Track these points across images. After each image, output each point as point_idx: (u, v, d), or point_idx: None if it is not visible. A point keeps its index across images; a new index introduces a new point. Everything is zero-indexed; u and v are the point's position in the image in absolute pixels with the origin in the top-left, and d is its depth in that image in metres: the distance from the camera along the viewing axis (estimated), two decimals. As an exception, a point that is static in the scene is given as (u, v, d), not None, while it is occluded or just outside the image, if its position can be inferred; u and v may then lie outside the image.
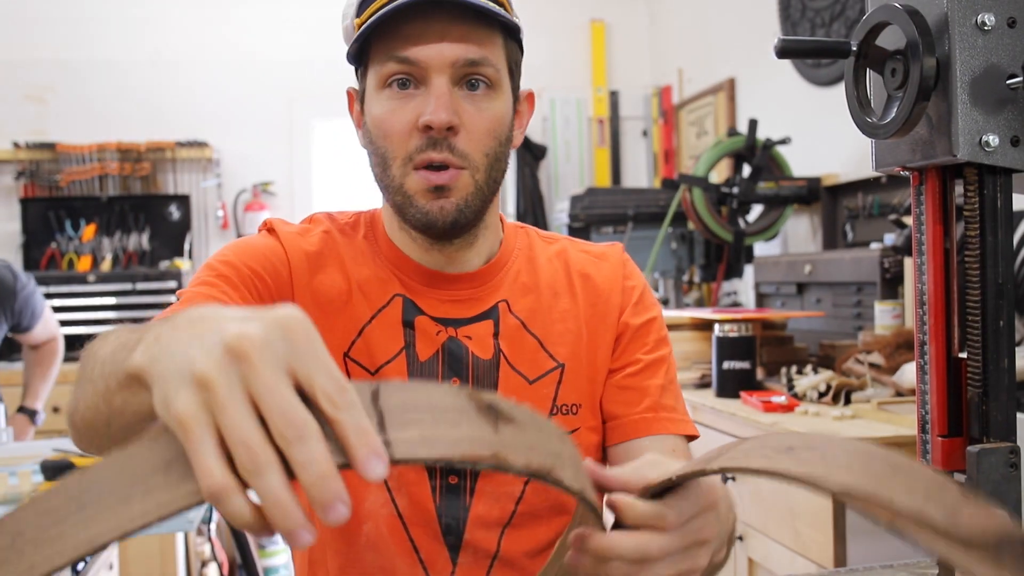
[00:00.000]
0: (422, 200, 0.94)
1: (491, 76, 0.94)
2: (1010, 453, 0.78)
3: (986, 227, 0.79)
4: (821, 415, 1.79)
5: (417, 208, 0.94)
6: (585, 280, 1.07)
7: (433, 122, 0.91)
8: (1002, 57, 0.76)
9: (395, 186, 0.95)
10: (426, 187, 0.93)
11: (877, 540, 1.59)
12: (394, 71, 0.93)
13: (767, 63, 3.44)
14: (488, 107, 0.95)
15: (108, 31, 4.32)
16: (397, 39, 0.92)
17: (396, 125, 0.94)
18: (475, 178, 0.95)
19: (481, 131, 0.94)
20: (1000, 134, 0.76)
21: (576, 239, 1.13)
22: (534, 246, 1.09)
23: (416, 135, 0.93)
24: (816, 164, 3.03)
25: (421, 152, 0.93)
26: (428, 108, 0.91)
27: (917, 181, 0.84)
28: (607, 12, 4.67)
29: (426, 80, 0.93)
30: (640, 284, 1.10)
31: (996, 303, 0.79)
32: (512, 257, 1.07)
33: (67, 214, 4.18)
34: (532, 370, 1.01)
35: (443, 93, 0.92)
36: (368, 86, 0.97)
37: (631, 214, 3.34)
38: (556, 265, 1.08)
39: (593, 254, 1.10)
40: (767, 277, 2.87)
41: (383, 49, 0.94)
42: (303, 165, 4.49)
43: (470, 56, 0.92)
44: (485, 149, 0.95)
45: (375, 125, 0.96)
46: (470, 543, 0.99)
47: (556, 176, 4.61)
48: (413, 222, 0.96)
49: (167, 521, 0.42)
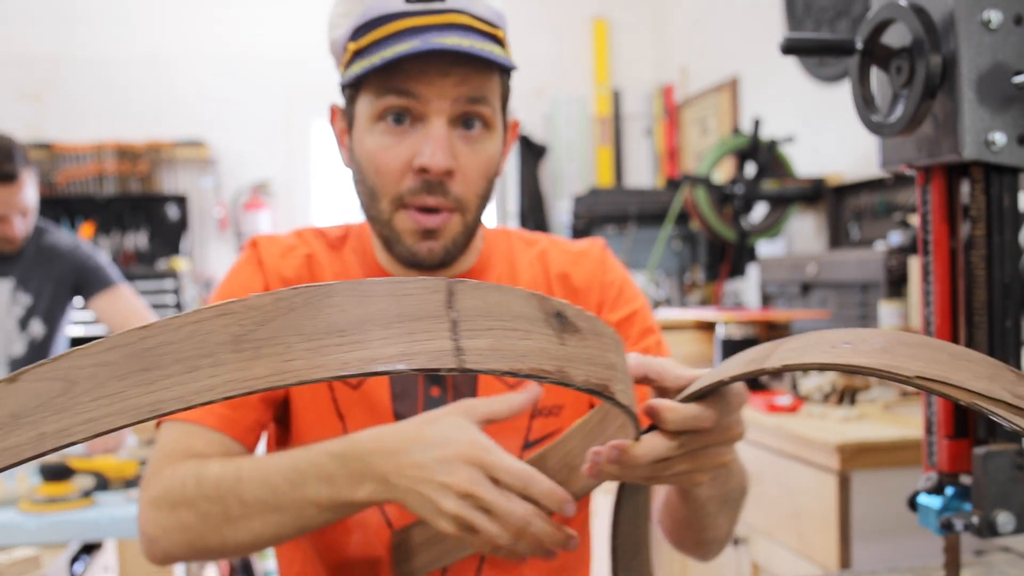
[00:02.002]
0: (410, 240, 0.95)
1: (487, 116, 0.94)
2: (1017, 455, 0.78)
3: (992, 226, 0.78)
4: (826, 416, 1.78)
5: (405, 247, 0.95)
6: (563, 280, 1.06)
7: (431, 166, 0.90)
8: (1009, 55, 0.75)
9: (383, 220, 0.96)
10: (415, 228, 0.94)
11: (882, 543, 1.58)
12: (392, 104, 0.92)
13: (771, 61, 3.42)
14: (482, 148, 0.95)
15: (105, 30, 4.32)
16: (398, 74, 0.91)
17: (391, 163, 0.93)
18: (465, 218, 0.95)
19: (476, 173, 0.94)
20: (1007, 132, 0.76)
21: (558, 238, 1.12)
22: (514, 250, 1.09)
23: (410, 175, 0.92)
24: (820, 163, 3.02)
25: (414, 195, 0.93)
26: (426, 151, 0.91)
27: (923, 180, 0.83)
28: (610, 10, 4.67)
29: (423, 118, 0.92)
30: (619, 278, 1.08)
31: (1003, 303, 0.78)
32: (491, 264, 1.06)
33: (64, 214, 4.18)
34: None
35: (441, 136, 0.91)
36: (360, 114, 0.96)
37: (634, 214, 3.33)
38: (536, 268, 1.07)
39: (573, 253, 1.09)
40: (771, 277, 2.86)
41: (381, 81, 0.92)
42: (301, 164, 4.48)
43: (471, 94, 0.92)
44: (478, 190, 0.95)
45: (366, 158, 0.95)
46: None
47: (558, 175, 4.60)
48: (400, 258, 0.97)
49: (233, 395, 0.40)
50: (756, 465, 1.85)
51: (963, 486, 0.82)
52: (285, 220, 4.45)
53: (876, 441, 1.57)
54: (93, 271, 2.36)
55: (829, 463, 1.59)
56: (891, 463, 1.57)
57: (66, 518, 1.66)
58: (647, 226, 3.32)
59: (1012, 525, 0.77)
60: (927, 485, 0.83)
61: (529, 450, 1.00)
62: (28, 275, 2.30)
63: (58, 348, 2.37)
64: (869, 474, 1.57)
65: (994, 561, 1.15)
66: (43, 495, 1.70)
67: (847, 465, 1.57)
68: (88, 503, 1.72)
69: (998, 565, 1.12)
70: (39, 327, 2.30)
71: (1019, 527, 0.78)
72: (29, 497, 1.71)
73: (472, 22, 0.92)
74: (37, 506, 1.68)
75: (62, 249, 2.34)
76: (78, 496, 1.72)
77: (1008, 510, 0.77)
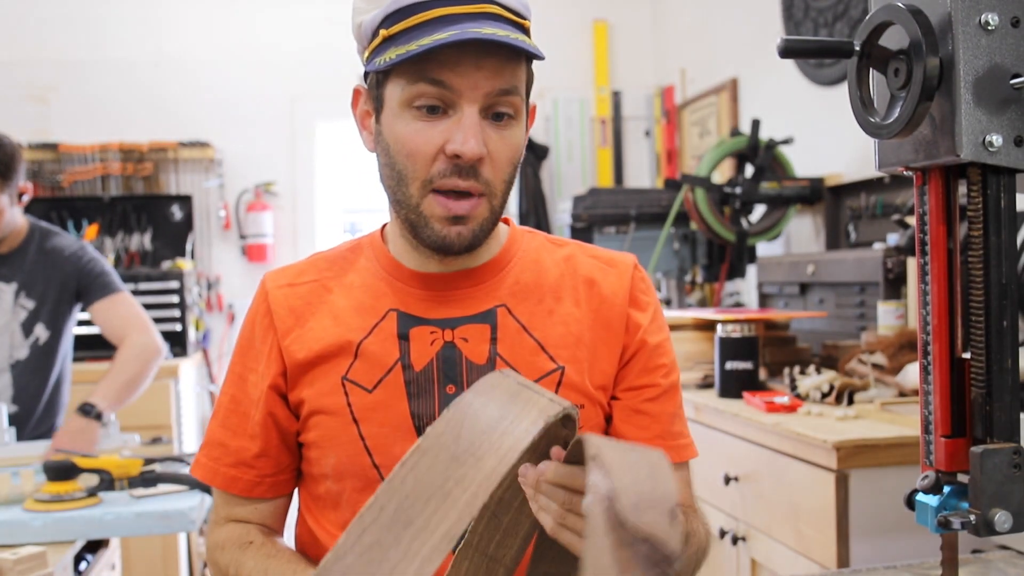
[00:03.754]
0: (438, 225, 0.96)
1: (516, 106, 0.97)
2: (1014, 454, 0.78)
3: (989, 227, 0.79)
4: (824, 415, 1.79)
5: (433, 231, 0.97)
6: (590, 286, 1.07)
7: (464, 152, 0.92)
8: (1006, 57, 0.76)
9: (411, 204, 0.97)
10: (444, 214, 0.96)
11: (880, 541, 1.58)
12: (425, 92, 0.93)
13: (770, 63, 3.43)
14: (511, 136, 0.97)
15: (110, 31, 4.32)
16: (431, 62, 0.92)
17: (422, 148, 0.95)
18: (492, 203, 0.98)
19: (504, 160, 0.97)
20: (1004, 134, 0.76)
21: (587, 244, 1.14)
22: (541, 249, 1.10)
23: (441, 159, 0.94)
24: (819, 164, 3.03)
25: (445, 177, 0.94)
26: (458, 137, 0.93)
27: (920, 181, 0.83)
28: (610, 12, 4.67)
29: (456, 106, 0.94)
30: (655, 302, 1.11)
31: (1000, 303, 0.79)
32: (514, 259, 1.07)
33: (69, 214, 4.18)
34: (531, 372, 1.02)
35: (474, 123, 0.93)
36: (390, 98, 0.97)
37: (633, 214, 3.34)
38: (563, 269, 1.08)
39: (602, 260, 1.11)
40: (770, 277, 2.86)
41: (415, 69, 0.93)
42: (305, 165, 4.48)
43: (501, 86, 0.94)
44: (505, 176, 0.98)
45: (397, 143, 0.96)
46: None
47: (558, 176, 4.61)
48: (427, 243, 0.98)
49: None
50: (755, 464, 1.86)
51: (960, 485, 0.82)
52: (288, 221, 4.46)
53: (874, 440, 1.58)
54: (96, 277, 2.35)
55: (827, 462, 1.60)
56: (889, 462, 1.58)
57: (71, 516, 1.66)
58: (647, 227, 3.33)
59: (1009, 523, 0.78)
60: (925, 484, 0.83)
61: None
62: (32, 280, 2.30)
63: (62, 352, 2.36)
64: (867, 473, 1.58)
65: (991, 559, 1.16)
66: (48, 493, 1.71)
67: (845, 464, 1.58)
68: (93, 501, 1.72)
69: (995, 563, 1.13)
70: (43, 331, 2.30)
71: (1016, 525, 0.78)
72: (34, 495, 1.72)
73: (503, 12, 0.95)
74: (42, 504, 1.69)
75: (66, 253, 2.34)
76: (83, 494, 1.73)
77: (1005, 508, 0.78)
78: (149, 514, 1.70)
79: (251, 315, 1.09)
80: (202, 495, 1.80)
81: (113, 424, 2.19)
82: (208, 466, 1.07)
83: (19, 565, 1.42)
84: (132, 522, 1.69)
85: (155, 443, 2.31)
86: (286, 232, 4.44)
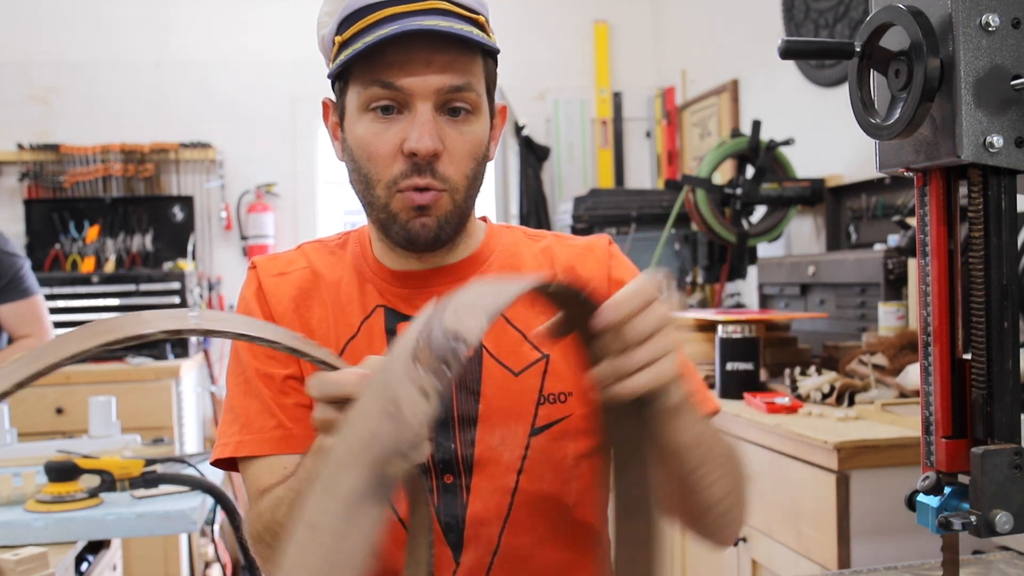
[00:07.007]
0: (404, 217, 0.97)
1: (472, 101, 0.97)
2: (1015, 454, 0.78)
3: (990, 228, 0.79)
4: (825, 416, 1.79)
5: (400, 225, 0.98)
6: (571, 273, 1.08)
7: (418, 150, 0.94)
8: (1007, 58, 0.76)
9: (379, 205, 0.99)
10: (409, 206, 0.97)
11: (881, 542, 1.58)
12: (378, 96, 0.95)
13: (771, 64, 3.43)
14: (469, 131, 0.98)
15: (112, 33, 4.32)
16: (381, 64, 0.94)
17: (380, 149, 0.96)
18: (454, 198, 0.98)
19: (462, 155, 0.97)
20: (1004, 135, 0.76)
21: (563, 235, 1.15)
22: (519, 243, 1.11)
23: (400, 159, 0.96)
24: (820, 165, 3.03)
25: (406, 178, 0.96)
26: (413, 135, 0.94)
27: (921, 182, 0.83)
28: (610, 13, 4.67)
29: (409, 105, 0.95)
30: (628, 276, 1.10)
31: (1000, 304, 0.79)
32: (493, 255, 1.09)
33: (71, 215, 4.18)
34: (516, 362, 1.03)
35: (427, 120, 0.94)
36: (349, 105, 0.99)
37: (634, 215, 3.34)
38: (541, 261, 1.09)
39: (579, 247, 1.12)
40: (771, 278, 2.86)
41: (367, 72, 0.95)
42: (307, 166, 4.49)
43: (454, 83, 0.95)
44: (465, 171, 0.98)
45: (358, 146, 0.98)
46: (471, 540, 1.00)
47: (559, 177, 4.61)
48: (396, 239, 1.00)
49: None
50: (756, 465, 1.86)
51: (961, 485, 0.82)
52: (290, 222, 4.46)
53: (875, 441, 1.58)
54: (12, 278, 2.42)
55: (828, 463, 1.60)
56: (889, 463, 1.58)
57: (72, 517, 1.66)
58: (647, 228, 3.33)
59: (1010, 524, 0.78)
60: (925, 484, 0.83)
61: (536, 436, 1.01)
62: None
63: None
64: (868, 473, 1.58)
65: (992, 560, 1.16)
66: (50, 494, 1.71)
67: (846, 464, 1.58)
68: (94, 502, 1.72)
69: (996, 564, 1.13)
70: None
71: (1017, 526, 0.78)
72: (36, 496, 1.72)
73: (452, 7, 0.96)
74: (44, 505, 1.69)
75: None
76: (84, 495, 1.73)
77: (1006, 509, 0.78)
78: (150, 515, 1.70)
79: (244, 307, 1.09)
80: (203, 496, 1.80)
81: (114, 425, 2.20)
82: (254, 438, 1.02)
83: (20, 566, 1.42)
84: (133, 523, 1.69)
85: (156, 444, 2.31)
86: (287, 233, 4.44)
